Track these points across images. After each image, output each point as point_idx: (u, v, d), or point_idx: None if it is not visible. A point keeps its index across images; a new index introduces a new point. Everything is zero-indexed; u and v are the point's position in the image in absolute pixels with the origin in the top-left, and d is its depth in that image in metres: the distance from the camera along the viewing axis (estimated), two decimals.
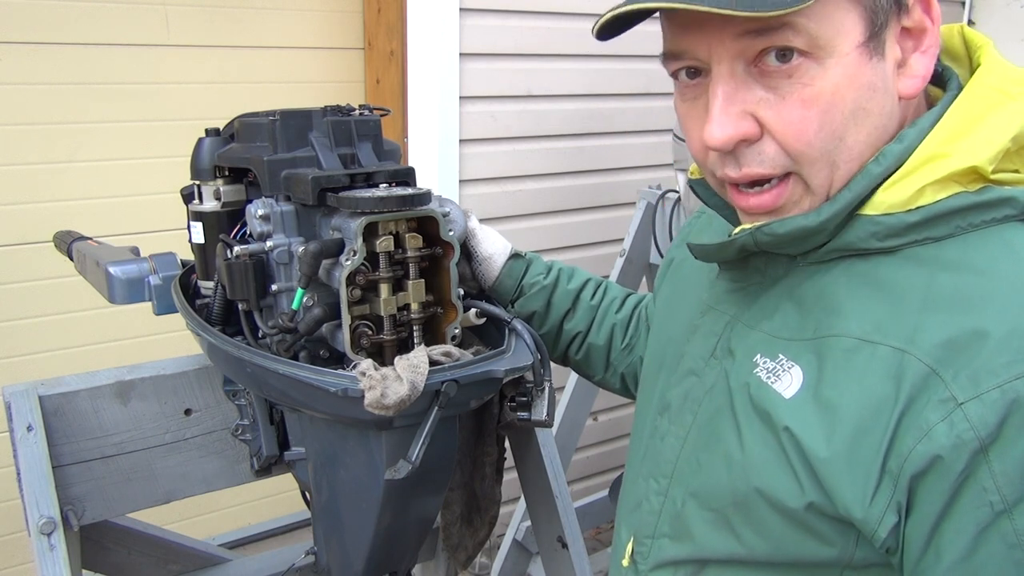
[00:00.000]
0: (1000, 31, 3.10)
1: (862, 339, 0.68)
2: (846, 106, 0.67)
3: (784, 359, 0.73)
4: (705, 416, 0.80)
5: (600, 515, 2.58)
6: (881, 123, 0.69)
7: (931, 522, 0.62)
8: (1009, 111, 0.68)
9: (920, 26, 0.69)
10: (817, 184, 0.70)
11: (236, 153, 1.05)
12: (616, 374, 1.16)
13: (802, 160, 0.69)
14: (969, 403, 0.60)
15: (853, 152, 0.69)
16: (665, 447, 0.84)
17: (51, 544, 0.99)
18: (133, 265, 1.22)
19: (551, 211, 2.58)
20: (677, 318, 0.92)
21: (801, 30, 0.64)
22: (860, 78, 0.67)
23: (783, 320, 0.75)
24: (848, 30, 0.65)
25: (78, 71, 2.09)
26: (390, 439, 0.94)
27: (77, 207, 2.15)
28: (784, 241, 0.71)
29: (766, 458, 0.71)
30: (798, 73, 0.66)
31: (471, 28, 2.27)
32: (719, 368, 0.79)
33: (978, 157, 0.66)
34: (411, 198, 0.92)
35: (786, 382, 0.71)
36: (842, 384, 0.68)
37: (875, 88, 0.68)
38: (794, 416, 0.69)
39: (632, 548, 0.87)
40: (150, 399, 1.15)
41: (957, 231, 0.67)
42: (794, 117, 0.67)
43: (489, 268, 1.12)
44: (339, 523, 1.07)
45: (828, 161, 0.68)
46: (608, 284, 1.20)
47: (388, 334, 0.95)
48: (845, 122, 0.67)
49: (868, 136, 0.69)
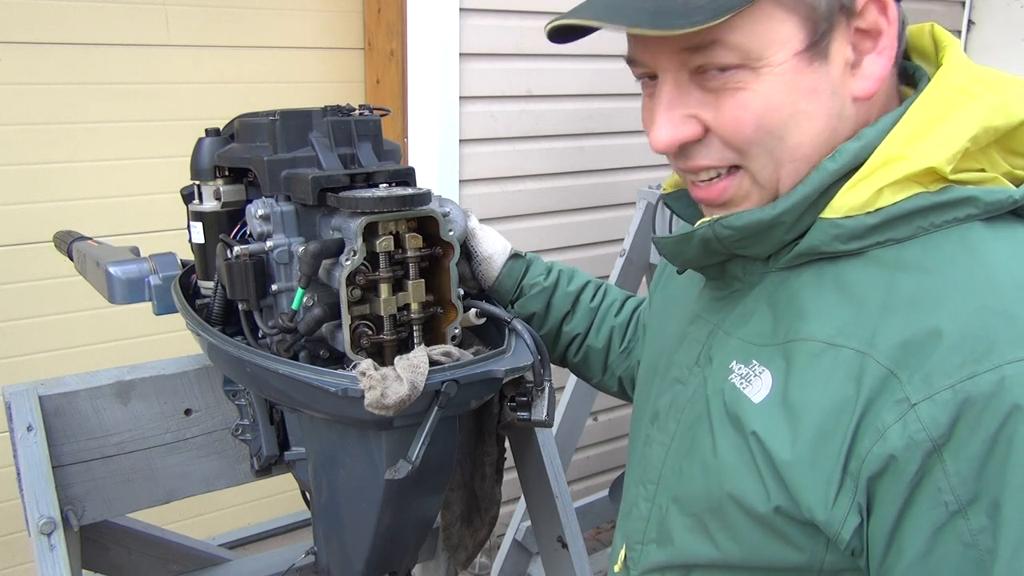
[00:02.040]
0: (1000, 31, 3.10)
1: (827, 343, 0.68)
2: (784, 110, 0.68)
3: (756, 364, 0.73)
4: (686, 423, 0.81)
5: (600, 515, 2.58)
6: (829, 124, 0.70)
7: (891, 522, 0.63)
8: (968, 111, 0.68)
9: (875, 28, 0.69)
10: (764, 179, 0.71)
11: (236, 153, 1.05)
12: (613, 377, 1.16)
13: (744, 155, 0.71)
14: (922, 404, 0.61)
15: (797, 152, 0.70)
16: (652, 454, 0.86)
17: (51, 544, 0.99)
18: (133, 265, 1.22)
19: (551, 211, 2.58)
20: (670, 327, 0.92)
21: (732, 46, 0.66)
22: (798, 84, 0.67)
23: (757, 326, 0.76)
24: (784, 40, 0.66)
25: (78, 71, 2.09)
26: (390, 439, 0.94)
27: (77, 207, 2.15)
28: (743, 234, 0.72)
29: (736, 463, 0.72)
30: (734, 80, 0.68)
31: (471, 28, 2.27)
32: (700, 376, 0.80)
33: (935, 158, 0.66)
34: (411, 198, 0.92)
35: (756, 387, 0.72)
36: (807, 388, 0.68)
37: (817, 92, 0.68)
38: (761, 420, 0.70)
39: (625, 554, 0.89)
40: (150, 399, 1.15)
41: (919, 232, 0.68)
42: (732, 116, 0.69)
43: (489, 268, 1.13)
44: (339, 523, 1.07)
45: (771, 158, 0.70)
46: (608, 287, 1.20)
47: (388, 334, 0.95)
48: (784, 124, 0.68)
49: (814, 137, 0.69)
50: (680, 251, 0.79)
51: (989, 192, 0.67)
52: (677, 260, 0.81)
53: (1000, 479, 0.59)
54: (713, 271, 0.81)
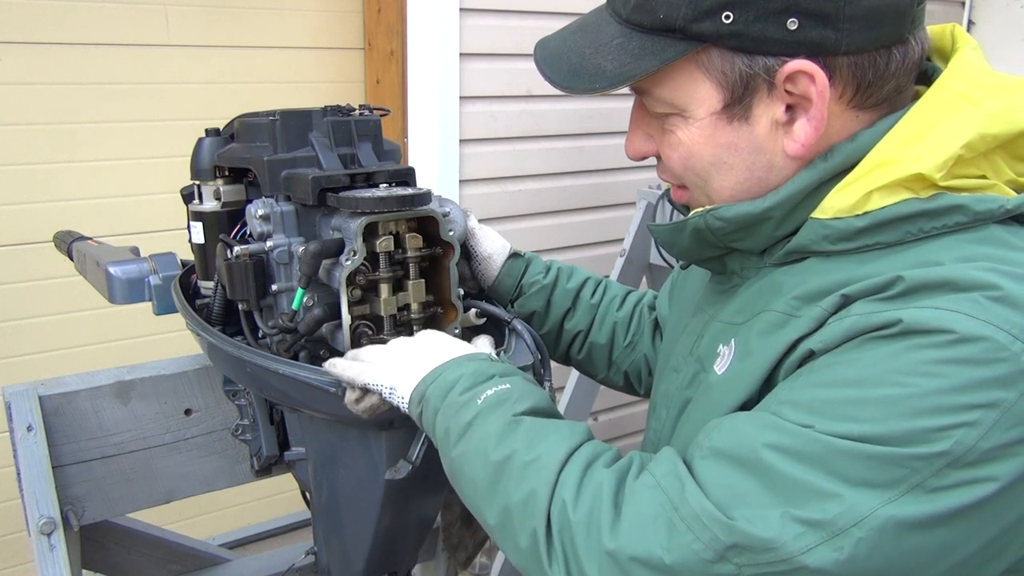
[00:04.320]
0: (1000, 31, 3.10)
1: (787, 313, 0.70)
2: (704, 158, 0.75)
3: (732, 342, 0.76)
4: (676, 409, 0.83)
5: None
6: (753, 176, 0.74)
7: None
8: (964, 117, 0.67)
9: (805, 95, 0.69)
10: (706, 201, 0.78)
11: (236, 153, 1.05)
12: (619, 372, 1.17)
13: (683, 181, 0.79)
14: (833, 323, 0.65)
15: (722, 194, 0.76)
16: (648, 443, 0.88)
17: (51, 544, 1.00)
18: (133, 265, 1.22)
19: (551, 211, 2.58)
20: (679, 322, 0.95)
21: (659, 98, 0.75)
22: (717, 139, 0.73)
23: (740, 309, 0.78)
24: (702, 99, 0.72)
25: (78, 71, 2.09)
26: (390, 439, 0.94)
27: (77, 207, 2.15)
28: (733, 225, 0.75)
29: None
30: (668, 123, 0.76)
31: (471, 28, 2.27)
32: (693, 362, 0.83)
33: (924, 164, 0.66)
34: (411, 198, 0.92)
35: (723, 361, 0.76)
36: (758, 347, 0.71)
37: (736, 148, 0.73)
38: (721, 389, 0.74)
39: None
40: (150, 399, 1.15)
41: (907, 237, 0.68)
42: (666, 152, 0.78)
43: (488, 267, 1.13)
44: (339, 523, 1.07)
45: (701, 191, 0.78)
46: (608, 282, 1.20)
47: (388, 334, 0.95)
48: (706, 169, 0.75)
49: (735, 185, 0.75)
50: (674, 239, 0.82)
51: (980, 201, 0.67)
52: (673, 250, 0.83)
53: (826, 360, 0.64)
54: (715, 265, 0.83)
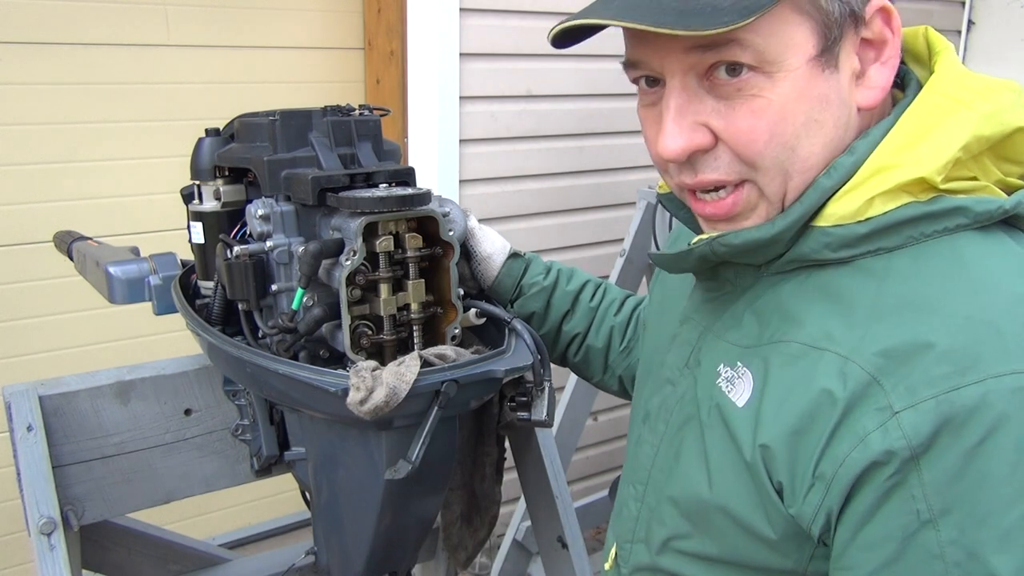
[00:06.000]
0: (1000, 31, 3.10)
1: (810, 345, 0.68)
2: (797, 118, 0.67)
3: (740, 367, 0.73)
4: (675, 425, 0.81)
5: (600, 515, 2.58)
6: (837, 134, 0.69)
7: (857, 523, 0.63)
8: (959, 119, 0.67)
9: (880, 38, 0.69)
10: (772, 192, 0.70)
11: (236, 153, 1.05)
12: (614, 376, 1.16)
13: (756, 168, 0.69)
14: (904, 412, 0.60)
15: (808, 163, 0.69)
16: (641, 454, 0.86)
17: (51, 544, 0.99)
18: (133, 265, 1.22)
19: (551, 211, 2.58)
20: (663, 327, 0.93)
21: (748, 45, 0.64)
22: (811, 91, 0.66)
23: (746, 329, 0.76)
24: (798, 44, 0.65)
25: (78, 71, 2.09)
26: (390, 439, 0.94)
27: (77, 207, 2.15)
28: (740, 252, 0.72)
29: (724, 467, 0.72)
30: (747, 86, 0.66)
31: (471, 28, 2.27)
32: (691, 377, 0.81)
33: (925, 168, 0.66)
34: (411, 198, 0.92)
35: (740, 389, 0.72)
36: (784, 386, 0.68)
37: (828, 100, 0.67)
38: (744, 424, 0.70)
39: (615, 552, 0.90)
40: (150, 399, 1.15)
41: (909, 241, 0.67)
42: (744, 127, 0.67)
43: (488, 267, 1.13)
44: (339, 523, 1.07)
45: (781, 170, 0.69)
46: (607, 286, 1.20)
47: (388, 334, 0.95)
48: (797, 133, 0.67)
49: (823, 148, 0.69)
50: (677, 266, 0.80)
51: (979, 202, 0.67)
52: (672, 271, 0.82)
53: (974, 494, 0.59)
54: (705, 273, 0.81)
